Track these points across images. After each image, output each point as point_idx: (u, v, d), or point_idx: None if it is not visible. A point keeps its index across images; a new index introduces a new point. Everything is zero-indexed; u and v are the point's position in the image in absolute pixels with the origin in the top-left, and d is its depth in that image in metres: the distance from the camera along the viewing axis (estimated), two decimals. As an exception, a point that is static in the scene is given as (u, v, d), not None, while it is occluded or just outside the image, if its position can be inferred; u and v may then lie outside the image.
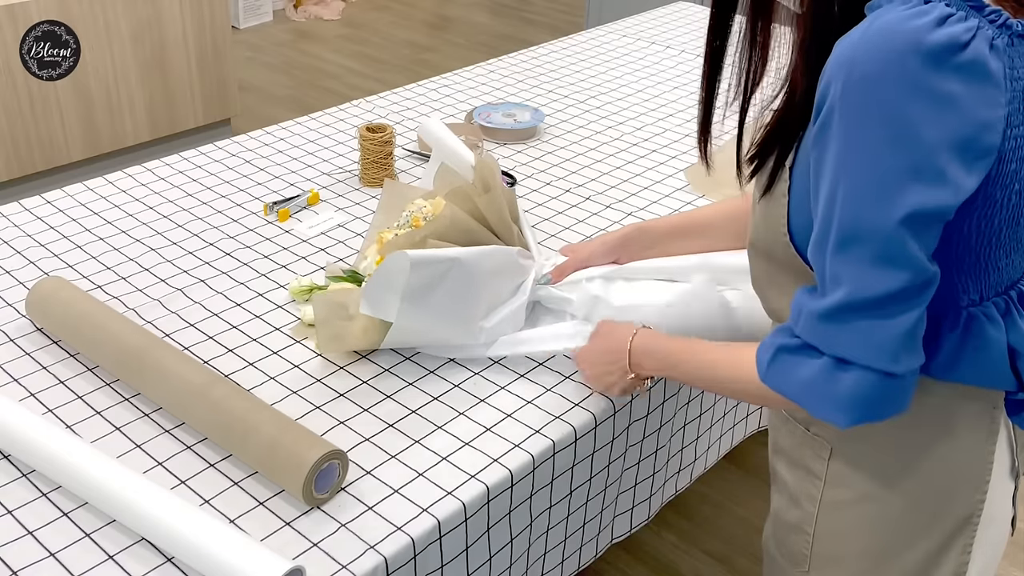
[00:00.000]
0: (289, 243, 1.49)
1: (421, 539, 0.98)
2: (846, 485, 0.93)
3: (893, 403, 0.81)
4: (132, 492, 0.96)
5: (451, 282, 1.17)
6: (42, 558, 0.94)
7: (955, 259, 0.81)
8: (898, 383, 0.79)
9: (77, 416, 1.12)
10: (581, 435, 1.14)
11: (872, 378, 0.79)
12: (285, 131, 1.88)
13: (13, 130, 2.75)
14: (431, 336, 1.22)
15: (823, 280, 0.80)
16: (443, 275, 1.16)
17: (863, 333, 0.78)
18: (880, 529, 0.93)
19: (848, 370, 0.79)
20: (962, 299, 0.83)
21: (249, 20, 4.72)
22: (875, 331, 0.78)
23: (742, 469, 2.05)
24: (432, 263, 1.14)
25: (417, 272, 1.12)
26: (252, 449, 1.03)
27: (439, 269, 1.15)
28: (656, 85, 2.16)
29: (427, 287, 1.15)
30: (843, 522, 0.95)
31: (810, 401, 0.83)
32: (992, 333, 0.84)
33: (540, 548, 1.19)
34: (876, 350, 0.78)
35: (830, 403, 0.81)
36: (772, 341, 0.86)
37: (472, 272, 1.18)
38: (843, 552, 0.96)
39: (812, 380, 0.82)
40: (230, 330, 1.28)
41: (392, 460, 1.07)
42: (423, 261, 1.13)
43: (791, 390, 0.84)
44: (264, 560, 0.89)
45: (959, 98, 0.72)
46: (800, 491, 0.98)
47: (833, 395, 0.81)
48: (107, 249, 1.46)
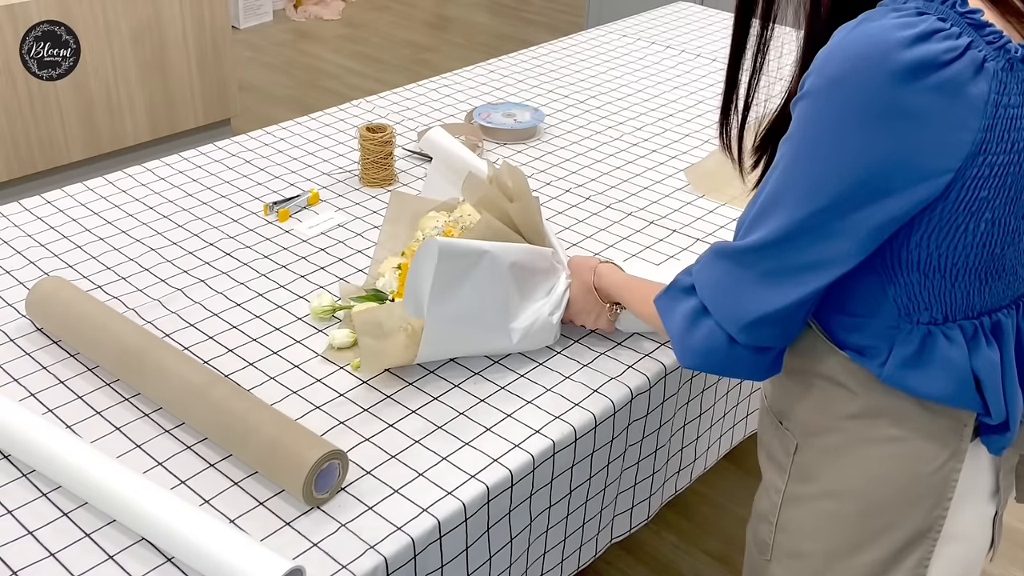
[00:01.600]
0: (289, 243, 1.49)
1: (421, 539, 0.98)
2: (807, 481, 0.94)
3: (733, 367, 0.88)
4: (132, 492, 0.96)
5: (481, 274, 1.14)
6: (42, 558, 0.94)
7: (918, 276, 0.81)
8: (739, 352, 0.86)
9: (77, 416, 1.12)
10: (581, 435, 1.15)
11: (721, 338, 0.86)
12: (285, 131, 1.88)
13: (13, 130, 2.75)
14: (464, 344, 1.20)
15: (747, 228, 0.84)
16: (472, 266, 1.13)
17: (729, 292, 0.84)
18: (835, 529, 0.93)
19: (705, 320, 0.87)
20: (922, 315, 0.82)
21: (249, 20, 4.72)
22: (740, 296, 0.84)
23: (742, 469, 2.05)
24: (462, 253, 1.12)
25: (446, 262, 1.09)
26: (252, 449, 1.03)
27: (469, 260, 1.13)
28: (656, 85, 2.16)
29: (456, 279, 1.12)
30: (802, 517, 0.96)
31: (672, 335, 0.92)
32: (950, 353, 0.82)
33: (540, 548, 1.19)
34: (731, 312, 0.84)
35: (683, 344, 0.90)
36: (678, 275, 0.93)
37: (502, 265, 1.16)
38: (800, 547, 0.97)
39: (680, 319, 0.90)
40: (230, 330, 1.28)
41: (392, 460, 1.07)
42: (453, 250, 1.10)
43: (666, 321, 0.93)
44: (264, 560, 0.89)
45: (920, 116, 0.72)
46: (769, 482, 1.00)
47: (687, 338, 0.89)
48: (107, 249, 1.46)
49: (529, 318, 1.22)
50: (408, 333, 1.17)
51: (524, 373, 1.22)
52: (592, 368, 1.23)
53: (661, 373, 1.24)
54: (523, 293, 1.21)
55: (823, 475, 0.93)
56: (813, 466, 0.94)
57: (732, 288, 0.84)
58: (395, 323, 1.17)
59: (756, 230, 0.82)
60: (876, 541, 0.91)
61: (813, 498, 0.94)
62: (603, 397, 1.18)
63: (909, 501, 0.89)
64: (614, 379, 1.21)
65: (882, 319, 0.83)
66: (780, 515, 0.98)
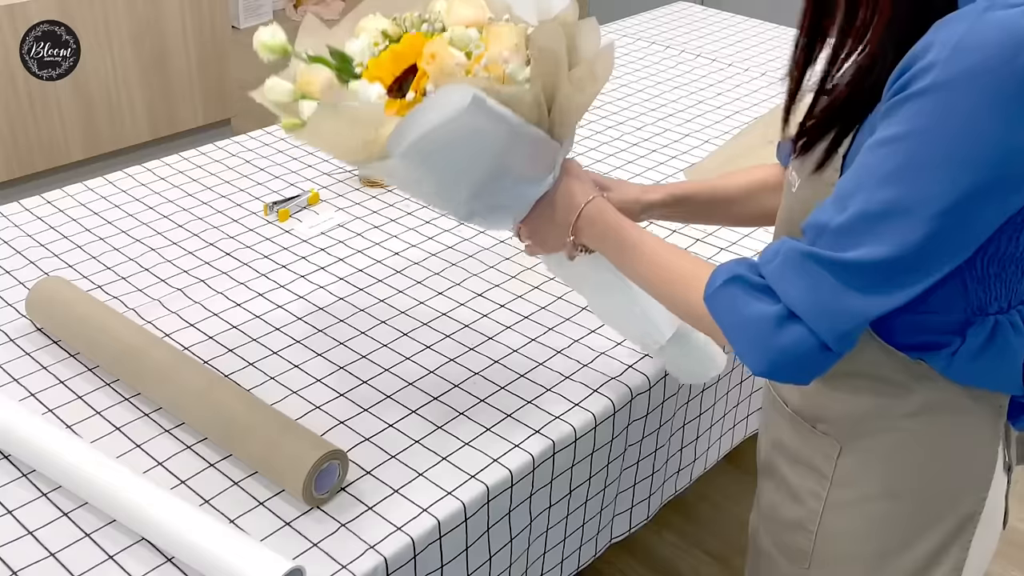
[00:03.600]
0: (289, 243, 1.49)
1: (421, 539, 0.98)
2: (854, 484, 0.93)
3: (813, 374, 0.81)
4: (132, 492, 0.96)
5: (485, 142, 0.94)
6: (42, 558, 0.94)
7: (996, 268, 0.81)
8: (829, 359, 0.80)
9: (77, 416, 1.12)
10: (581, 435, 1.14)
11: (814, 346, 0.78)
12: (285, 131, 1.88)
13: (13, 130, 2.75)
14: (413, 188, 1.04)
15: (841, 235, 0.77)
16: (483, 133, 0.93)
17: (829, 302, 0.77)
18: (886, 528, 0.93)
19: (793, 326, 0.79)
20: (991, 306, 0.83)
21: (249, 20, 4.72)
22: (845, 300, 0.77)
23: (742, 469, 2.05)
24: (489, 119, 0.91)
25: (466, 119, 0.89)
26: (252, 449, 1.03)
27: (488, 129, 0.92)
28: (656, 85, 2.16)
29: (463, 138, 0.93)
30: (848, 521, 0.95)
31: (740, 338, 0.82)
32: (1014, 341, 0.84)
33: (540, 548, 1.19)
34: (836, 321, 0.78)
35: (759, 350, 0.81)
36: (733, 268, 0.84)
37: (510, 145, 0.95)
38: (846, 550, 0.96)
39: (755, 322, 0.81)
40: (230, 330, 1.28)
41: (392, 460, 1.07)
42: (483, 110, 0.90)
43: (728, 321, 0.83)
44: (264, 560, 0.89)
45: None
46: (803, 488, 0.97)
47: (768, 344, 0.80)
48: (107, 249, 1.46)
49: (491, 201, 1.02)
50: (369, 140, 0.93)
51: (524, 373, 1.22)
52: (592, 368, 1.23)
53: (661, 373, 1.24)
54: (499, 174, 1.00)
55: (873, 476, 0.92)
56: (862, 469, 0.92)
57: (832, 298, 0.78)
58: (361, 120, 0.93)
59: (864, 243, 0.76)
60: (927, 533, 0.91)
61: (863, 500, 0.93)
62: (603, 397, 1.18)
63: (961, 490, 0.90)
64: (614, 379, 1.21)
65: (955, 314, 0.83)
66: (822, 522, 0.96)
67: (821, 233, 0.78)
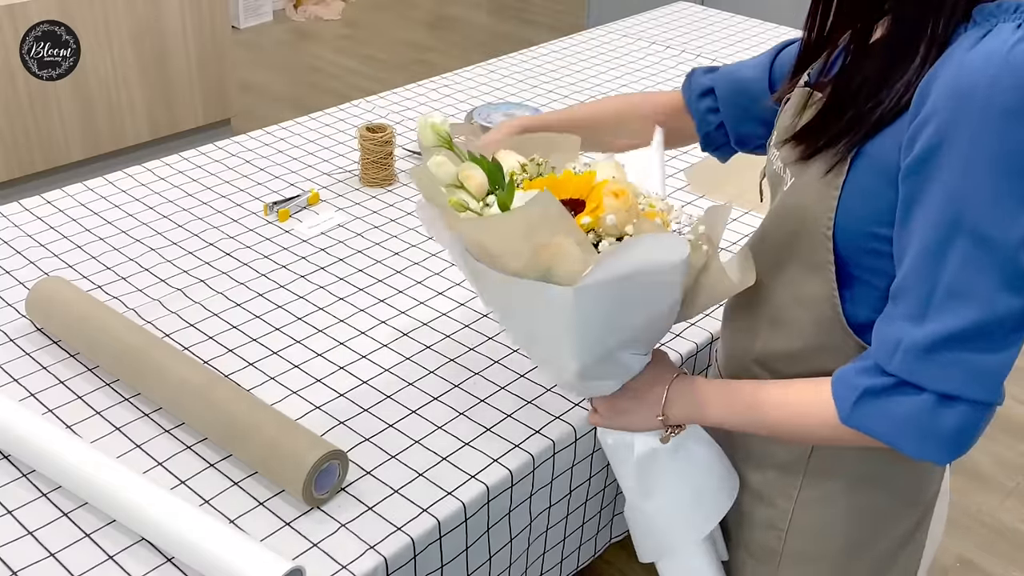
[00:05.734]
0: (289, 243, 1.49)
1: (421, 539, 0.98)
2: (828, 481, 0.94)
3: (982, 430, 0.79)
4: (132, 492, 0.96)
5: (654, 301, 0.87)
6: (42, 558, 0.94)
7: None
8: (993, 411, 0.78)
9: (77, 416, 1.12)
10: (581, 435, 1.15)
11: (979, 412, 0.77)
12: (285, 131, 1.88)
13: (13, 130, 2.75)
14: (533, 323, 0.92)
15: (924, 306, 0.76)
16: (667, 288, 0.86)
17: (974, 366, 0.75)
18: (860, 521, 0.94)
19: (954, 405, 0.76)
20: None
21: (249, 20, 4.72)
22: (986, 363, 0.75)
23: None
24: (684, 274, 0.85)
25: (676, 271, 0.84)
26: (252, 449, 1.03)
27: (676, 286, 0.86)
28: (656, 85, 2.16)
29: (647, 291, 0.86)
30: (821, 517, 0.96)
31: (907, 440, 0.79)
32: None
33: (539, 547, 1.19)
34: (987, 383, 0.76)
35: (932, 441, 0.78)
36: (853, 382, 0.81)
37: (665, 315, 0.90)
38: (819, 547, 0.97)
39: (912, 418, 0.78)
40: (230, 330, 1.28)
41: (392, 460, 1.07)
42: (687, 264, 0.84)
43: (883, 429, 0.80)
44: (264, 560, 0.89)
45: None
46: (772, 490, 0.98)
47: (936, 432, 0.77)
48: (107, 249, 1.46)
49: (605, 368, 0.93)
50: (540, 243, 0.82)
51: (524, 373, 1.22)
52: (592, 368, 1.23)
53: (661, 373, 1.24)
54: (633, 340, 0.92)
55: (849, 470, 0.92)
56: (834, 462, 0.93)
57: (984, 367, 0.76)
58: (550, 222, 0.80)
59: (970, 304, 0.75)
60: (902, 520, 0.93)
61: (836, 495, 0.94)
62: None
63: (930, 472, 0.92)
64: (614, 379, 1.21)
65: None
66: (793, 520, 0.97)
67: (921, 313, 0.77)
